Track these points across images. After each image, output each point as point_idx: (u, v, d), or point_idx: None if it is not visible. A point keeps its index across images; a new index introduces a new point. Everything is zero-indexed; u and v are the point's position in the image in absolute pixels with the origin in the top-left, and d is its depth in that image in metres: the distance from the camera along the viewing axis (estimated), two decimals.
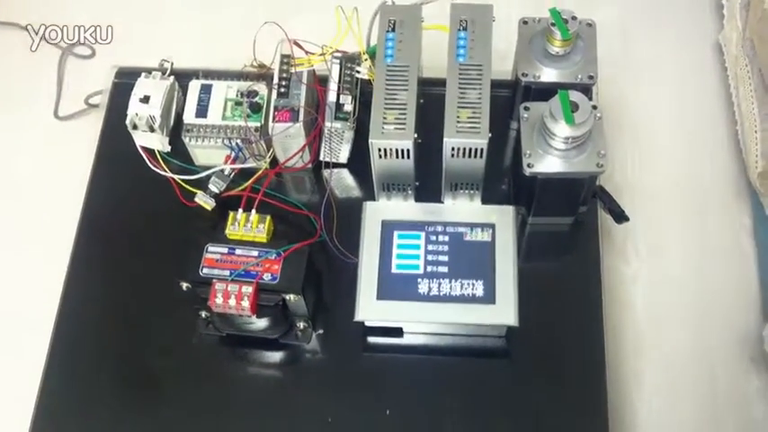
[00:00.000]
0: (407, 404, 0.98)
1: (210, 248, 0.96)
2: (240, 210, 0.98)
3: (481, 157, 0.97)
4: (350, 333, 1.00)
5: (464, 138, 0.95)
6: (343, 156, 1.10)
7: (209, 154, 1.08)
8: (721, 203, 1.25)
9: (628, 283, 1.18)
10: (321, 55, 1.06)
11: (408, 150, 0.96)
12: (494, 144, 0.95)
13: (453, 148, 0.96)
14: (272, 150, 1.07)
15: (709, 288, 1.19)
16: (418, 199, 1.05)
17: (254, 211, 0.98)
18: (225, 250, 0.95)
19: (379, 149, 0.97)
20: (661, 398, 1.11)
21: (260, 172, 1.06)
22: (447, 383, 0.99)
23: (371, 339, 1.01)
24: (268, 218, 0.98)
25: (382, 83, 0.98)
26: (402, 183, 1.03)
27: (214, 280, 0.93)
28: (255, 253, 0.95)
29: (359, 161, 1.08)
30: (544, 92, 1.01)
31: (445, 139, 0.95)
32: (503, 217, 1.01)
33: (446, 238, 1.00)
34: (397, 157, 0.98)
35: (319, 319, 1.02)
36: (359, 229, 1.01)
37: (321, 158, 1.09)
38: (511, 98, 1.10)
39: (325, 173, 1.09)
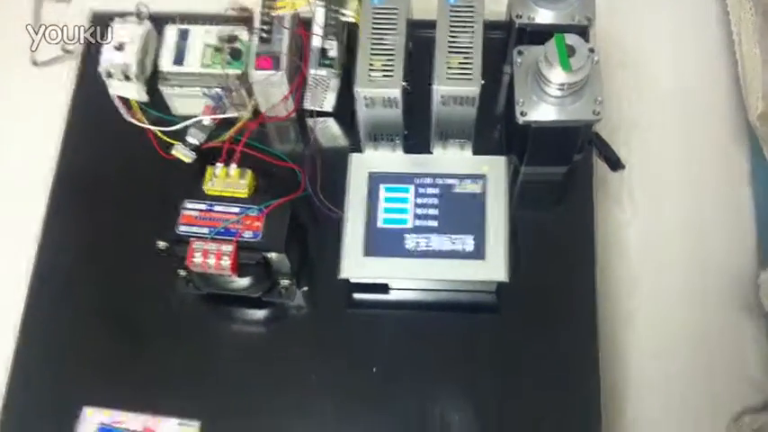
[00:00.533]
0: (394, 361, 0.95)
1: (188, 205, 0.91)
2: (220, 164, 0.94)
3: (473, 105, 0.92)
4: (335, 289, 0.96)
5: (455, 86, 0.90)
6: (329, 104, 1.05)
7: (188, 103, 1.03)
8: (719, 147, 1.20)
9: (623, 228, 1.14)
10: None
11: (396, 99, 0.92)
12: (486, 90, 0.90)
13: (443, 96, 0.92)
14: (253, 99, 1.02)
15: (705, 233, 1.15)
16: (407, 150, 1.00)
17: (234, 165, 0.94)
18: (203, 207, 0.91)
19: (366, 98, 0.92)
20: (653, 341, 1.08)
21: (240, 122, 1.01)
22: (435, 339, 0.96)
23: (357, 296, 0.97)
24: (249, 172, 0.93)
25: (369, 26, 0.93)
26: (390, 133, 0.98)
27: (192, 239, 0.89)
28: (236, 209, 0.91)
29: (345, 110, 1.03)
30: (539, 35, 0.95)
31: (434, 87, 0.91)
32: (494, 167, 0.97)
33: (435, 191, 0.96)
34: (385, 106, 0.93)
35: (304, 275, 0.98)
36: (345, 182, 0.97)
37: (305, 107, 1.04)
38: (504, 40, 1.04)
39: (310, 122, 1.05)
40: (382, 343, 0.96)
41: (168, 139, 1.01)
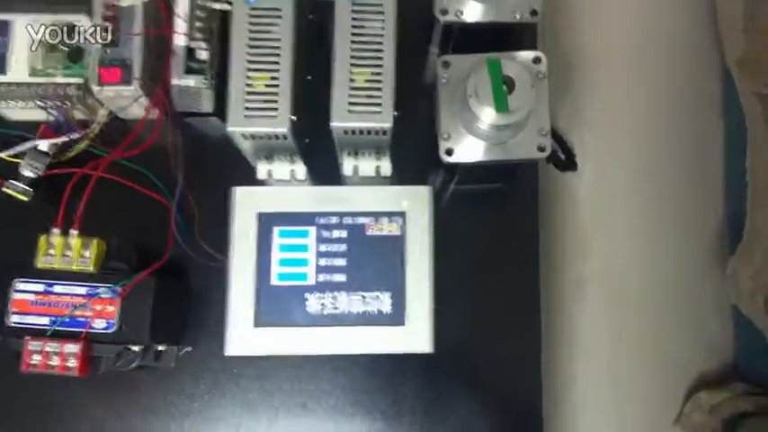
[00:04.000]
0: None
1: (19, 285, 0.70)
2: (56, 230, 0.72)
3: (385, 134, 0.71)
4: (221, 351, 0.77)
5: (359, 121, 0.69)
6: (207, 105, 0.82)
7: (23, 112, 0.80)
8: (691, 101, 1.05)
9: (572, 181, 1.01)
10: None
11: (285, 133, 0.70)
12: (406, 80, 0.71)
13: (346, 131, 0.70)
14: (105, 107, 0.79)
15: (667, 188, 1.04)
16: (310, 162, 0.80)
17: (74, 231, 0.72)
18: (40, 288, 0.70)
19: (245, 135, 0.70)
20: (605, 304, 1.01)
21: (81, 145, 0.78)
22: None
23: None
24: (94, 242, 0.72)
25: (243, 34, 0.70)
26: (284, 154, 0.77)
27: (27, 336, 0.69)
28: (82, 290, 0.70)
29: None
30: (473, 33, 0.73)
31: (332, 124, 0.69)
32: (416, 201, 0.76)
33: (343, 234, 0.76)
34: (271, 138, 0.72)
35: (188, 335, 0.80)
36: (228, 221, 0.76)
37: (177, 110, 0.81)
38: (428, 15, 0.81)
39: (174, 159, 0.79)
40: (281, 412, 0.80)
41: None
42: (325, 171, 0.82)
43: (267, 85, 0.69)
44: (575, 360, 1.01)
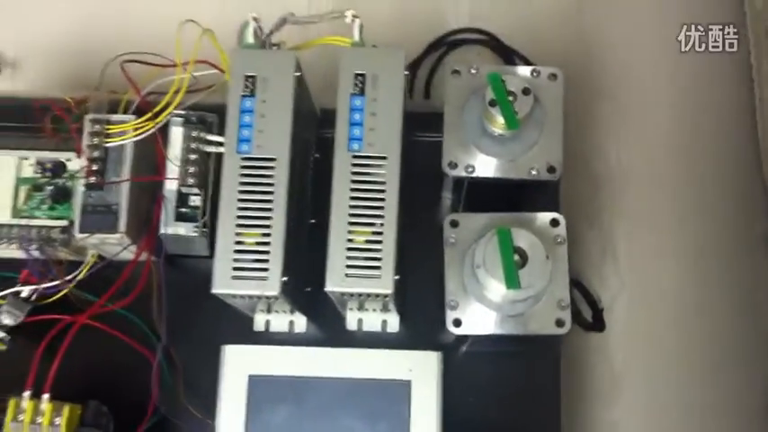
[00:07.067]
0: None
1: None
2: (26, 393, 0.65)
3: (386, 297, 0.64)
4: None
5: (356, 287, 0.62)
6: (201, 249, 0.75)
7: (4, 251, 0.75)
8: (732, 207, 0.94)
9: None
10: (147, 120, 0.70)
11: (275, 297, 0.64)
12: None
13: (344, 294, 0.64)
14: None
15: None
16: (313, 310, 0.73)
17: (45, 397, 0.65)
18: None
19: (234, 296, 0.64)
20: None
21: (63, 291, 0.72)
22: None
23: None
24: (67, 408, 0.65)
25: (234, 186, 0.64)
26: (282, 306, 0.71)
27: None
28: None
29: None
30: (484, 186, 0.67)
31: (327, 289, 0.62)
32: (422, 369, 0.68)
33: (341, 402, 0.69)
34: (261, 299, 0.65)
35: None
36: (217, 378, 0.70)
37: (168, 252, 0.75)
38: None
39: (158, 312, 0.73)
40: None
41: None
42: (327, 322, 0.75)
43: (258, 243, 0.63)
44: None
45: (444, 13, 0.95)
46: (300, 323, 0.75)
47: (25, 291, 0.72)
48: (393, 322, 0.74)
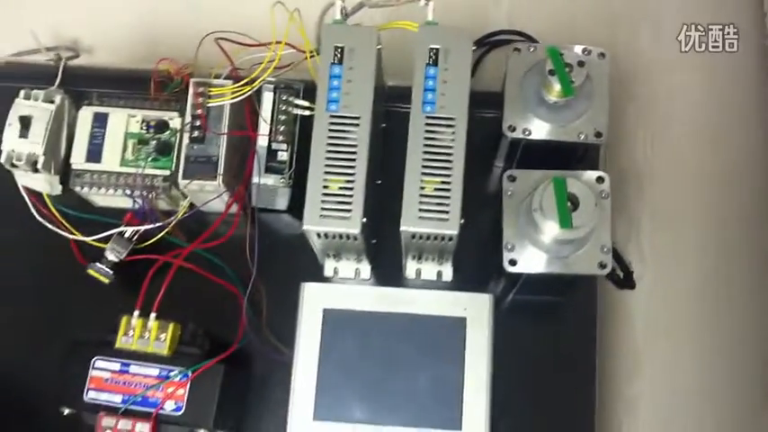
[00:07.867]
0: None
1: (98, 363, 0.74)
2: (135, 312, 0.76)
3: (451, 240, 0.74)
4: None
5: (427, 227, 0.72)
6: (282, 203, 0.86)
7: (110, 199, 0.85)
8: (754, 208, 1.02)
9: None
10: (244, 84, 0.81)
11: (356, 234, 0.74)
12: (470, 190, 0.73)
13: (414, 236, 0.74)
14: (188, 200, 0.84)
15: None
16: (375, 261, 0.83)
17: (152, 315, 0.76)
18: (117, 366, 0.74)
19: (318, 234, 0.74)
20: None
21: (162, 234, 0.82)
22: None
23: None
24: (171, 326, 0.76)
25: (323, 140, 0.74)
26: (351, 254, 0.81)
27: (101, 412, 0.72)
28: (155, 371, 0.74)
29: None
30: (538, 148, 0.77)
31: (402, 228, 0.72)
32: (477, 309, 0.78)
33: (404, 335, 0.79)
34: (342, 238, 0.75)
35: (247, 424, 0.82)
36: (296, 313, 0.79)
37: (254, 205, 0.85)
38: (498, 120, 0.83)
39: (250, 253, 0.83)
40: None
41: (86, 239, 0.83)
42: (387, 272, 0.85)
43: (342, 188, 0.73)
44: None
45: (485, 13, 1.05)
46: (365, 270, 0.84)
47: (128, 231, 0.82)
48: (447, 273, 0.84)
